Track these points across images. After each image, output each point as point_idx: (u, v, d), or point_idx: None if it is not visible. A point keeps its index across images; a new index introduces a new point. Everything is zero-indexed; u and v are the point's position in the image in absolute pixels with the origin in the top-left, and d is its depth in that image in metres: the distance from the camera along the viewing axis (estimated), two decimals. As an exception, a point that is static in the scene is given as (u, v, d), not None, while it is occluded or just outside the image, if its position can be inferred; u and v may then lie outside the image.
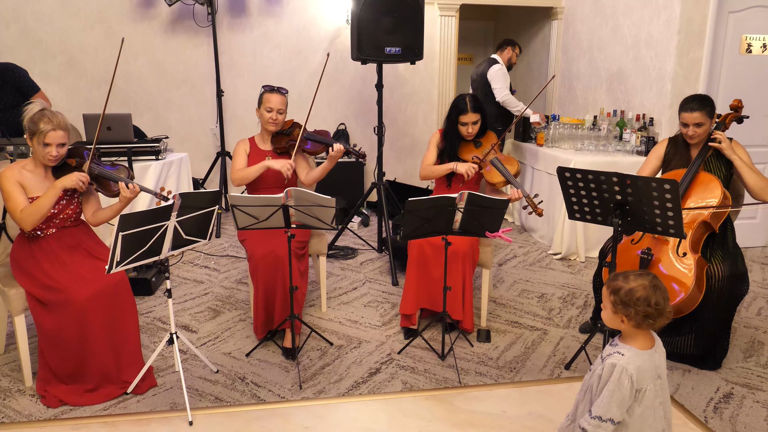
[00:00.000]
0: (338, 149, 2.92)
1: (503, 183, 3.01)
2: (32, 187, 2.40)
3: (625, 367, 1.53)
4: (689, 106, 2.68)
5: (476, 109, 3.04)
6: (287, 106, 3.07)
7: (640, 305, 1.54)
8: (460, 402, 2.39)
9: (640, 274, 1.60)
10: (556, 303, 3.43)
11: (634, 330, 1.59)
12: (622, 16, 4.69)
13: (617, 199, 2.29)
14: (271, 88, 3.02)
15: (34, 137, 2.33)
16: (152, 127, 5.26)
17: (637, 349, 1.58)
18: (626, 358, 1.55)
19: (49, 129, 2.31)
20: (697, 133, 2.70)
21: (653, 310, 1.54)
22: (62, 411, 2.31)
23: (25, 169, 2.42)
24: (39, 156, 2.38)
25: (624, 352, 1.57)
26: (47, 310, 2.34)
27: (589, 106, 5.21)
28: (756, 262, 4.15)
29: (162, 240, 2.19)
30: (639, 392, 1.55)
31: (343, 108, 5.63)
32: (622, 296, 1.57)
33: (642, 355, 1.57)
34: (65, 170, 2.46)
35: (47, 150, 2.34)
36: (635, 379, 1.53)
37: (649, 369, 1.57)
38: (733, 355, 2.78)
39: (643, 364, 1.56)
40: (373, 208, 5.47)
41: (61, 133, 2.35)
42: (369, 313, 3.26)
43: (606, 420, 1.54)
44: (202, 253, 4.27)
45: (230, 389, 2.48)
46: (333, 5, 5.35)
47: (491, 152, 3.05)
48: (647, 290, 1.55)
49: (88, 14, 5.04)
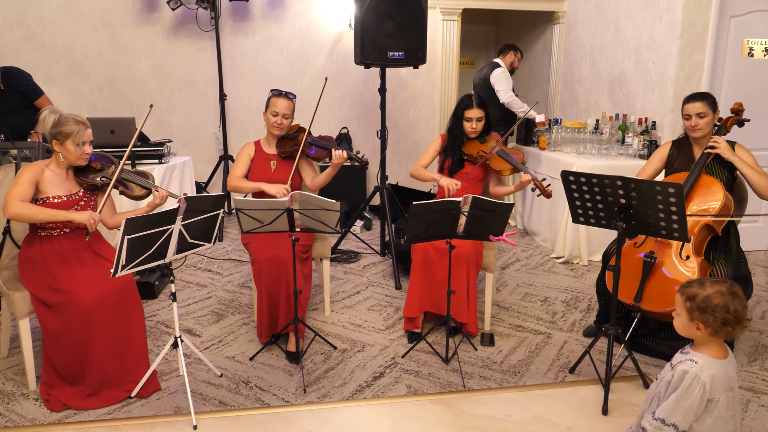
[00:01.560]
0: (340, 156, 2.92)
1: (510, 171, 3.03)
2: (52, 187, 2.42)
3: (698, 375, 1.50)
4: (691, 98, 2.76)
5: (481, 105, 3.12)
6: (294, 110, 3.08)
7: (718, 312, 1.50)
8: (465, 406, 2.39)
9: (717, 281, 1.56)
10: (559, 307, 3.43)
11: (709, 338, 1.55)
12: (623, 20, 4.70)
13: (621, 203, 2.29)
14: (279, 93, 3.03)
15: (67, 139, 2.36)
16: (155, 131, 5.27)
17: (711, 357, 1.54)
18: (700, 366, 1.52)
19: (83, 128, 2.39)
20: (699, 124, 2.71)
21: (732, 317, 1.50)
22: (66, 415, 2.31)
23: (48, 168, 2.44)
24: (72, 157, 2.41)
25: (698, 360, 1.54)
26: (52, 312, 2.34)
27: (591, 110, 5.22)
28: (759, 266, 4.15)
29: (167, 243, 2.19)
30: (711, 402, 1.51)
31: (346, 112, 5.64)
32: (699, 302, 1.53)
33: (716, 364, 1.53)
34: (88, 172, 2.52)
35: (84, 149, 2.41)
36: (708, 389, 1.49)
37: (722, 379, 1.52)
38: (738, 359, 2.77)
39: (717, 374, 1.52)
40: (375, 211, 5.47)
41: (90, 130, 2.44)
42: (372, 317, 3.26)
43: (669, 424, 1.50)
44: (204, 256, 4.27)
45: (234, 393, 2.48)
46: (335, 9, 5.37)
47: (497, 146, 3.08)
48: (725, 297, 1.51)
49: (92, 18, 5.05)
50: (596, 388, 2.52)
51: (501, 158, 3.06)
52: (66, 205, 2.43)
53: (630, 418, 2.30)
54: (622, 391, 2.49)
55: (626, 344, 2.56)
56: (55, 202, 2.40)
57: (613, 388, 2.47)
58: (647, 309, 2.58)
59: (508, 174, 3.05)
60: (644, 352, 2.81)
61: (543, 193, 2.88)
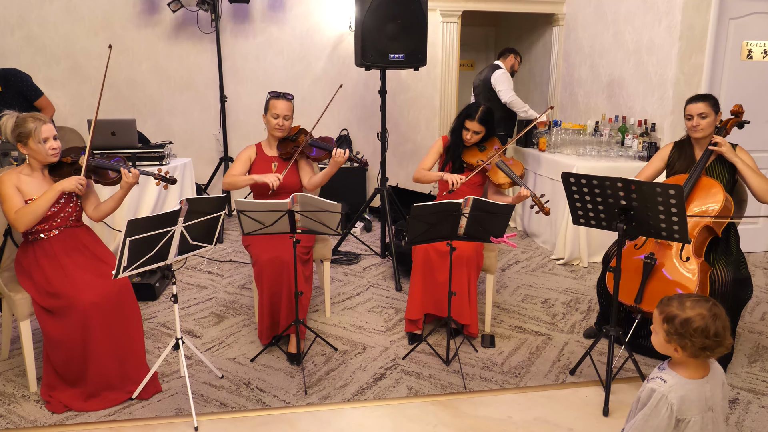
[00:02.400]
0: (341, 154, 2.93)
1: (508, 184, 3.03)
2: (31, 191, 2.42)
3: (665, 395, 1.43)
4: (693, 99, 2.76)
5: (483, 121, 3.08)
6: (293, 111, 3.09)
7: (697, 337, 1.40)
8: (466, 407, 2.39)
9: (698, 300, 1.45)
10: (559, 308, 3.43)
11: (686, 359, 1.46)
12: (623, 23, 4.71)
13: (622, 205, 2.30)
14: (278, 95, 3.03)
15: (29, 139, 2.37)
16: (155, 133, 5.28)
17: (683, 377, 1.46)
18: (668, 385, 1.45)
19: (41, 125, 2.38)
20: (701, 124, 2.72)
21: (712, 342, 1.40)
22: (67, 417, 2.31)
23: (22, 174, 2.44)
24: (40, 155, 2.41)
25: (668, 379, 1.46)
26: (52, 315, 2.34)
27: (591, 112, 5.23)
28: (759, 267, 4.15)
29: (169, 245, 2.20)
30: (682, 422, 1.44)
31: (346, 113, 5.65)
32: (677, 326, 1.42)
33: (688, 384, 1.45)
34: (62, 168, 2.50)
35: (47, 145, 2.40)
36: (676, 409, 1.43)
37: (696, 400, 1.45)
38: (738, 360, 2.78)
39: (689, 395, 1.44)
40: (374, 213, 5.48)
41: (50, 125, 2.43)
42: (373, 319, 3.26)
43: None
44: (205, 258, 4.27)
45: (235, 395, 2.48)
46: (336, 12, 5.38)
47: (496, 156, 3.07)
48: (706, 320, 1.40)
49: (93, 20, 5.06)
50: (597, 389, 2.52)
51: (500, 171, 3.05)
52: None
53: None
54: (623, 392, 2.50)
55: (627, 345, 2.56)
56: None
57: (614, 389, 2.48)
58: (648, 310, 2.59)
59: (507, 187, 3.06)
60: (645, 354, 2.81)
61: (542, 210, 2.83)
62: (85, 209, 2.61)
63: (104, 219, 2.66)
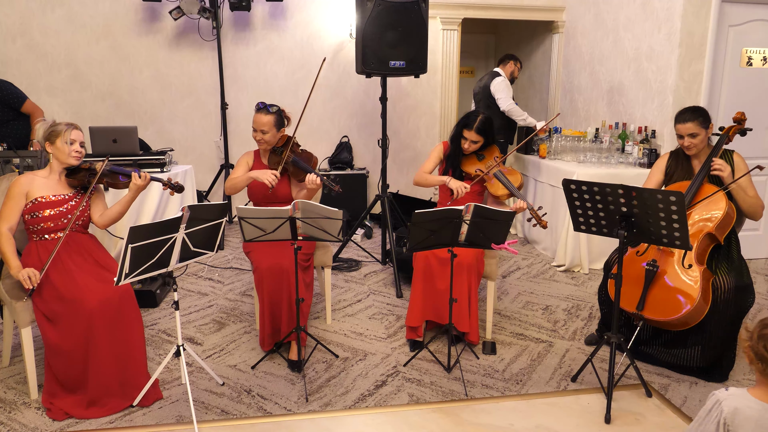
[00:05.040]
0: (313, 182, 2.82)
1: (507, 195, 3.03)
2: (40, 189, 2.52)
3: (720, 401, 1.45)
4: (682, 117, 2.75)
5: (481, 131, 3.08)
6: (280, 123, 3.03)
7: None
8: (467, 414, 2.38)
9: None
10: (560, 315, 3.43)
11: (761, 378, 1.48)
12: (623, 30, 4.73)
13: (623, 211, 2.30)
14: (258, 108, 3.00)
15: (58, 138, 2.49)
16: (156, 140, 5.29)
17: (749, 393, 1.47)
18: (728, 394, 1.47)
19: (72, 128, 2.53)
20: (693, 143, 2.73)
21: None
22: (68, 424, 2.30)
23: (37, 176, 2.55)
24: (63, 155, 2.51)
25: (732, 390, 1.48)
26: (53, 323, 2.34)
27: (591, 119, 5.24)
28: (760, 274, 4.15)
29: (170, 252, 2.20)
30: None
31: (347, 121, 5.66)
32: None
33: (751, 401, 1.45)
34: (79, 172, 2.60)
35: (73, 147, 2.51)
36: (727, 417, 1.44)
37: (754, 419, 1.44)
38: (740, 367, 2.77)
39: (746, 411, 1.44)
40: (375, 220, 5.48)
41: (80, 132, 2.57)
42: (374, 326, 3.25)
43: None
44: (206, 265, 4.27)
45: (236, 402, 2.47)
46: (336, 19, 5.40)
47: (495, 166, 3.07)
48: None
49: (94, 28, 5.09)
50: (599, 396, 2.51)
51: (498, 182, 3.05)
52: (53, 204, 2.50)
53: (633, 426, 2.30)
54: (624, 399, 2.49)
55: (628, 353, 2.55)
56: (43, 202, 2.48)
57: (615, 396, 2.47)
58: (650, 317, 2.59)
59: (505, 198, 3.06)
60: (647, 361, 2.81)
61: (539, 222, 2.81)
62: (92, 215, 2.66)
63: (109, 226, 2.68)
